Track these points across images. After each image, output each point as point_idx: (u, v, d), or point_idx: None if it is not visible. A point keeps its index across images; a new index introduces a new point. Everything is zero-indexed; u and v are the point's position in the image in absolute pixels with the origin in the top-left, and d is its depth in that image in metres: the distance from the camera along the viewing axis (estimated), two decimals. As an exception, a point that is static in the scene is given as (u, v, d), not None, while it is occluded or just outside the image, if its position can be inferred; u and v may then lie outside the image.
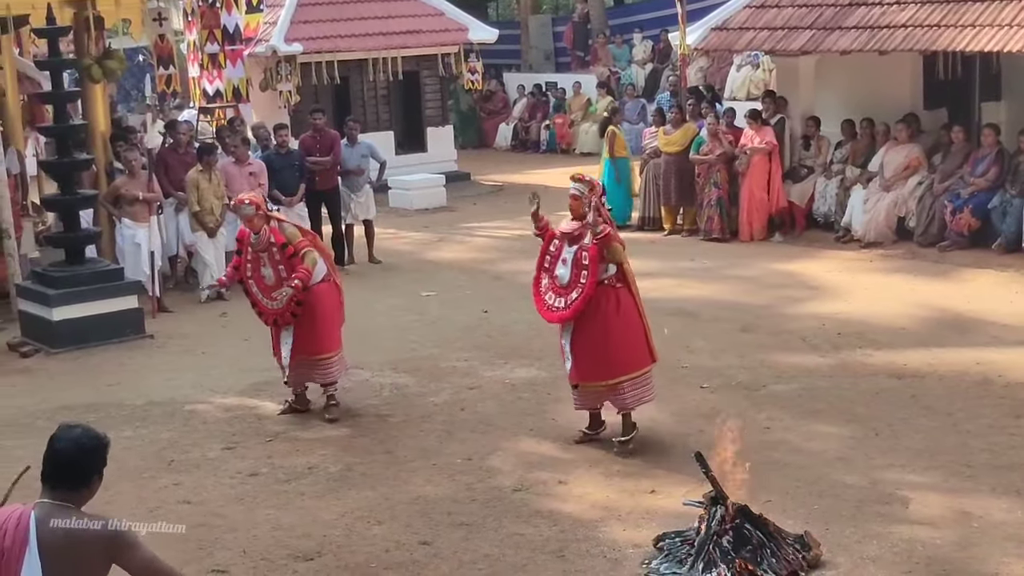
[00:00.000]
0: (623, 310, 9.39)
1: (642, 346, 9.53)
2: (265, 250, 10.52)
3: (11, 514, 4.65)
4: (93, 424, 10.31)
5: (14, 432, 10.52)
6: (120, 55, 16.00)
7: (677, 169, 17.93)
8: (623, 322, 9.38)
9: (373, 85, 23.37)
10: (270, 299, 10.53)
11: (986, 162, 15.60)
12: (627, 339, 9.41)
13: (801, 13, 17.01)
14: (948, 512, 8.13)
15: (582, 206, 9.42)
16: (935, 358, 11.48)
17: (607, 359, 9.37)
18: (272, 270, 10.52)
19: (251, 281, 10.66)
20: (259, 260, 10.57)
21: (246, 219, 10.60)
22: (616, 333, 9.36)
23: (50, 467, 4.72)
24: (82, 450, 4.74)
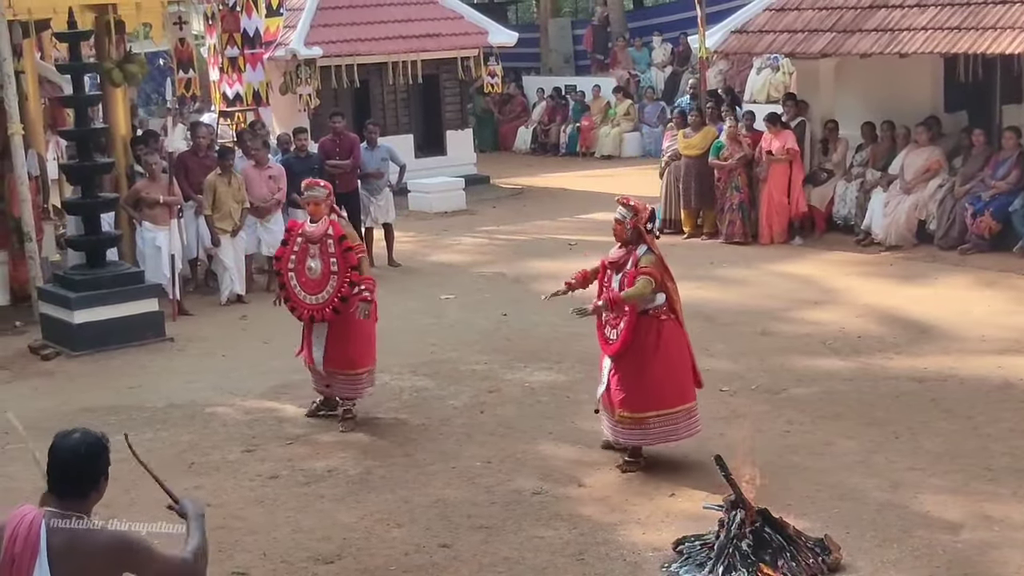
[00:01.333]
0: (663, 344, 8.95)
1: (679, 383, 9.08)
2: (318, 241, 10.31)
3: (22, 519, 4.64)
4: (114, 427, 10.40)
5: (35, 434, 10.43)
6: (141, 59, 16.08)
7: (697, 172, 17.91)
8: (661, 357, 8.94)
9: (393, 88, 23.39)
10: (309, 292, 10.32)
11: (1007, 165, 15.55)
12: (664, 375, 8.97)
13: (821, 16, 16.98)
14: (969, 516, 8.10)
15: (625, 231, 9.14)
16: (955, 361, 11.45)
17: (640, 393, 8.97)
18: (321, 263, 10.27)
19: (291, 273, 10.43)
20: (307, 252, 10.35)
21: (314, 201, 10.35)
22: (651, 368, 8.92)
23: (55, 478, 4.70)
24: (83, 457, 4.70)
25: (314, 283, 10.32)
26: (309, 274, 10.35)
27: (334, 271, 10.26)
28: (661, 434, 9.09)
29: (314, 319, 10.39)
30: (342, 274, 10.25)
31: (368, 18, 23.23)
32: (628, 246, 9.15)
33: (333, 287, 10.26)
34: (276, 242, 15.77)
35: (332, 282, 10.26)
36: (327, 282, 10.28)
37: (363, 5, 23.38)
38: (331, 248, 10.29)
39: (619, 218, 9.20)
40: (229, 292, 15.26)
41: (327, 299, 10.28)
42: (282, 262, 10.57)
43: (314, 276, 10.32)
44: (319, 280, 10.30)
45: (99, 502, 4.79)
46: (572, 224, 19.61)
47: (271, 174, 15.87)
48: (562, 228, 19.30)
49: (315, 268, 10.31)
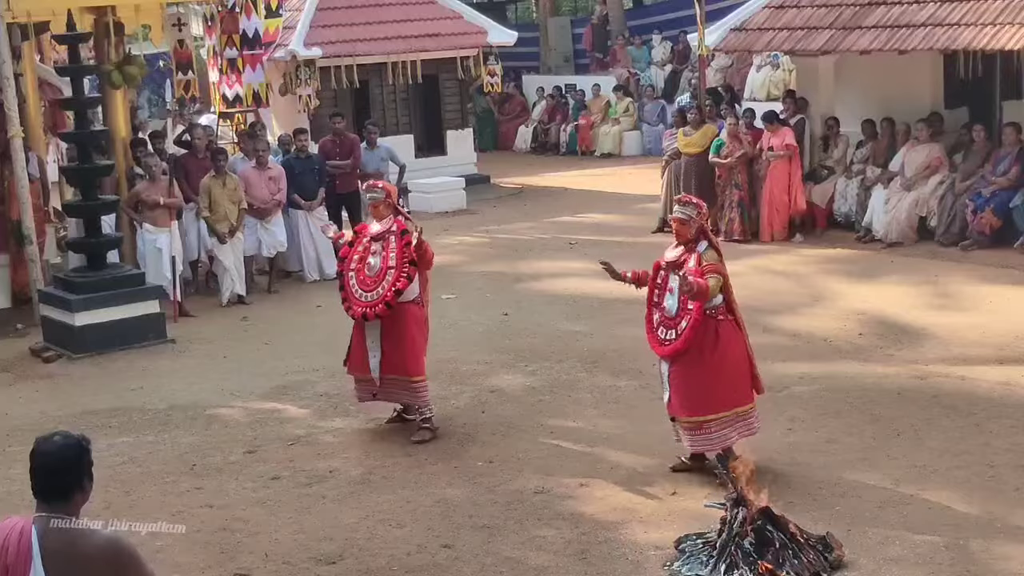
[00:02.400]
0: (721, 346, 8.72)
1: (737, 385, 8.87)
2: (381, 238, 10.13)
3: (12, 528, 4.64)
4: (115, 429, 10.40)
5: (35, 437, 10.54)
6: (140, 61, 16.07)
7: (697, 170, 17.90)
8: (719, 358, 8.72)
9: (392, 89, 23.39)
10: (364, 289, 10.06)
11: (1007, 161, 15.54)
12: (722, 377, 8.74)
13: (820, 13, 16.97)
14: (971, 513, 8.10)
15: (689, 230, 8.78)
16: (957, 358, 11.44)
17: (703, 396, 8.75)
18: (380, 259, 10.04)
19: (352, 272, 10.18)
20: (369, 250, 10.13)
21: (373, 204, 10.19)
22: (710, 370, 8.70)
23: (37, 482, 4.70)
24: (64, 460, 4.69)
25: (371, 280, 10.07)
26: (368, 271, 10.09)
27: (391, 266, 10.01)
28: (720, 437, 8.80)
29: (366, 317, 10.06)
30: (399, 268, 10.00)
31: (367, 18, 23.23)
32: (688, 244, 8.83)
33: (389, 282, 10.01)
34: (276, 243, 15.89)
35: (388, 277, 10.01)
36: (383, 277, 10.02)
37: (362, 5, 23.37)
38: (392, 244, 10.06)
39: (683, 218, 8.81)
40: (230, 293, 15.26)
41: (381, 295, 9.98)
42: (345, 263, 10.29)
43: (372, 273, 10.06)
44: (376, 277, 10.04)
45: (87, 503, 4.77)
46: (573, 223, 19.61)
47: (271, 175, 15.88)
48: (563, 227, 19.29)
49: (374, 265, 10.05)
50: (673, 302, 8.83)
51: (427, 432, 10.17)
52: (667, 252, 9.03)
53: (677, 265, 8.82)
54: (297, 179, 16.19)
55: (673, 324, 8.83)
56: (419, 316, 10.24)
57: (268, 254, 16.02)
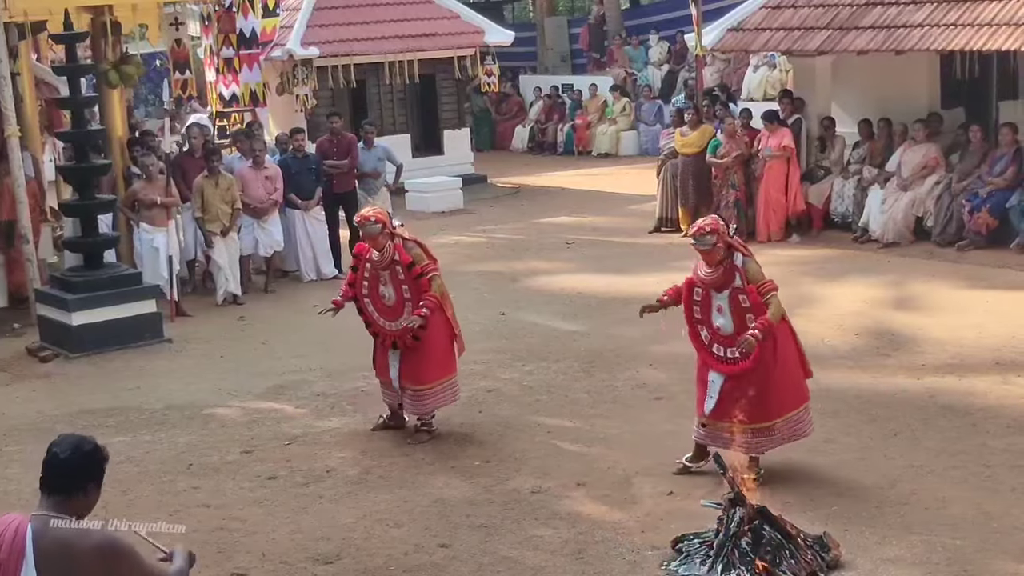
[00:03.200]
0: (780, 352, 8.68)
1: (798, 385, 8.89)
2: (387, 268, 9.99)
3: (8, 525, 4.64)
4: (112, 429, 10.40)
5: (34, 437, 10.55)
6: (137, 60, 16.05)
7: (694, 170, 17.91)
8: (781, 365, 8.69)
9: (389, 88, 23.39)
10: (387, 319, 10.06)
11: (1004, 161, 15.55)
12: (785, 381, 8.74)
13: (817, 13, 16.98)
14: (968, 513, 8.10)
15: (717, 254, 8.61)
16: (954, 358, 11.45)
17: (766, 403, 8.67)
18: (394, 290, 9.99)
19: (367, 300, 10.14)
20: (378, 278, 10.04)
21: (371, 237, 9.96)
22: (774, 377, 8.67)
23: (45, 472, 4.72)
24: (77, 454, 4.71)
25: (390, 310, 10.04)
26: (384, 301, 10.06)
27: (407, 298, 9.95)
28: (785, 435, 8.80)
29: (396, 345, 10.09)
30: (415, 301, 9.91)
31: (364, 18, 23.24)
32: (722, 263, 8.67)
33: (407, 316, 9.94)
34: (273, 242, 15.89)
35: (407, 309, 9.95)
36: (402, 309, 9.97)
37: (359, 5, 23.39)
38: (401, 275, 9.98)
39: (706, 248, 8.63)
40: (224, 292, 15.26)
41: (405, 328, 9.95)
42: (356, 288, 10.20)
43: (389, 303, 10.03)
44: (394, 307, 10.01)
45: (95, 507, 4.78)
46: (570, 223, 19.62)
47: (268, 174, 15.87)
48: (559, 227, 19.30)
49: (388, 295, 10.02)
50: (727, 322, 8.71)
51: (425, 435, 10.18)
52: (700, 271, 8.84)
53: (720, 284, 8.70)
54: (294, 179, 16.19)
55: (732, 342, 8.69)
56: (439, 324, 10.13)
57: (265, 254, 16.01)
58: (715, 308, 8.76)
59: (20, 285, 14.93)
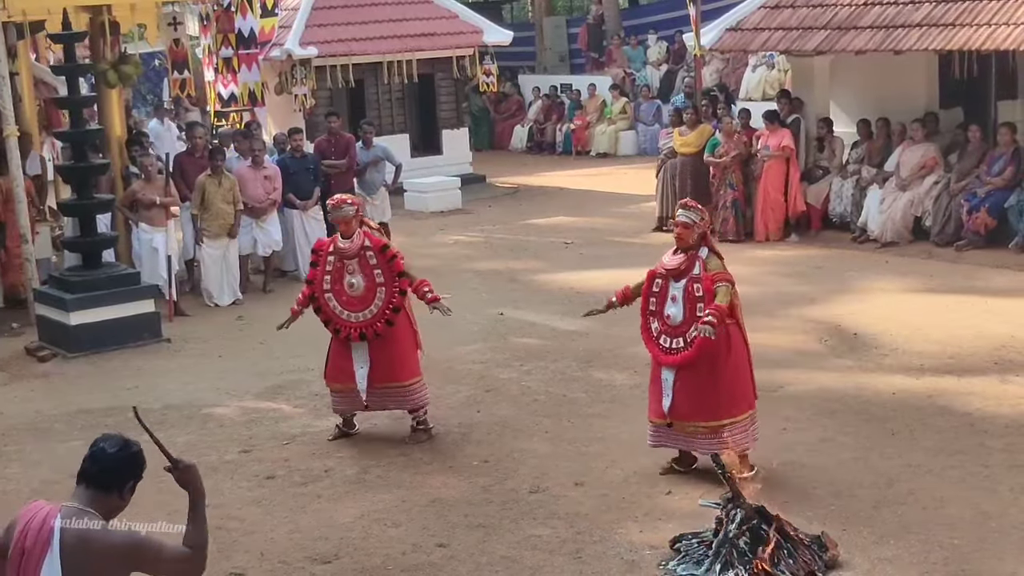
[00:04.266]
0: (734, 350, 8.75)
1: (747, 388, 8.93)
2: (356, 256, 9.95)
3: (36, 514, 4.69)
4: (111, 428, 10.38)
5: (33, 436, 10.57)
6: (136, 60, 16.06)
7: (693, 170, 17.92)
8: (733, 362, 8.75)
9: (388, 88, 23.38)
10: (353, 311, 9.93)
11: (1002, 161, 15.55)
12: (735, 380, 8.79)
13: (816, 13, 16.99)
14: (966, 512, 8.11)
15: (692, 234, 8.71)
16: (952, 357, 11.46)
17: (715, 400, 8.72)
18: (363, 277, 9.90)
19: (328, 295, 9.99)
20: (344, 269, 9.94)
21: (345, 220, 9.92)
22: (725, 374, 8.72)
23: (89, 464, 4.79)
24: (125, 452, 4.82)
25: (357, 300, 9.92)
26: (351, 291, 9.92)
27: (380, 283, 9.90)
28: (736, 441, 8.66)
29: (364, 336, 9.97)
30: (390, 284, 9.93)
31: (363, 18, 23.23)
32: (689, 252, 8.76)
33: (382, 299, 9.89)
34: (272, 242, 15.88)
35: (380, 294, 9.89)
36: (373, 296, 9.90)
37: (358, 5, 23.37)
38: (372, 260, 9.92)
39: (687, 221, 8.72)
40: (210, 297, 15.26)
41: (377, 313, 9.92)
42: (316, 284, 10.05)
43: (356, 292, 9.91)
44: (363, 296, 9.91)
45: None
46: (568, 223, 19.62)
47: (267, 174, 15.87)
48: (558, 227, 19.30)
49: (357, 284, 9.91)
50: (677, 311, 8.76)
51: (423, 434, 10.16)
52: (665, 259, 8.92)
53: (679, 273, 8.77)
54: (292, 178, 16.19)
55: (679, 332, 8.75)
56: (404, 318, 10.13)
57: (263, 253, 16.02)
58: (670, 298, 8.82)
59: (14, 285, 14.92)
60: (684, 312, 8.73)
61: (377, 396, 10.07)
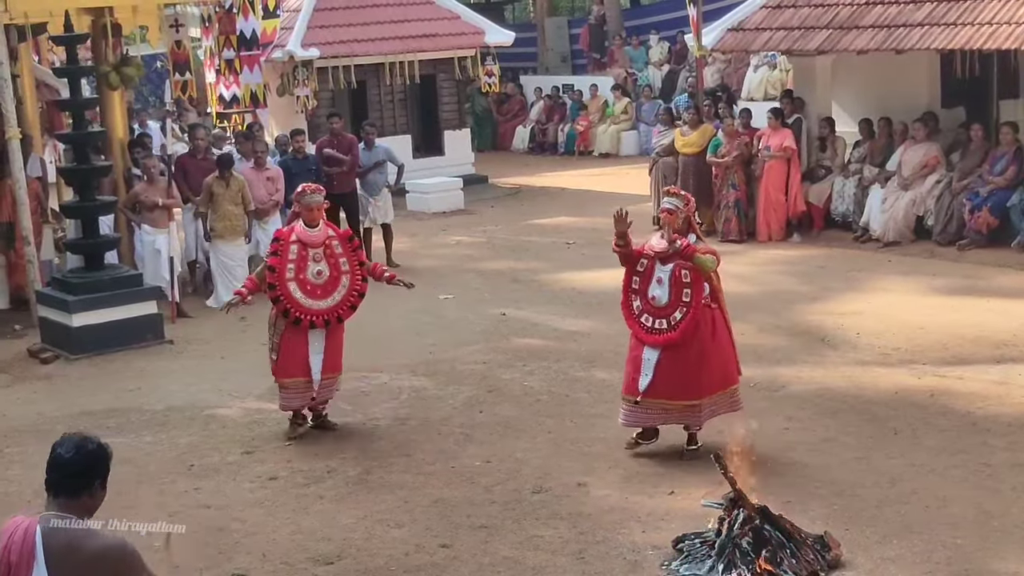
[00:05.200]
0: (718, 333, 9.17)
1: (729, 367, 9.34)
2: (321, 244, 10.16)
3: (17, 528, 4.64)
4: (113, 430, 10.41)
5: (35, 438, 10.56)
6: (138, 62, 16.07)
7: (695, 170, 17.91)
8: (718, 345, 9.17)
9: (390, 89, 23.39)
10: (315, 299, 10.10)
11: (1004, 160, 15.55)
12: (719, 362, 9.20)
13: (817, 13, 16.98)
14: (968, 512, 8.10)
15: (676, 220, 9.12)
16: (954, 357, 11.45)
17: (697, 381, 9.11)
18: (328, 265, 10.13)
19: (292, 284, 10.10)
20: (306, 258, 10.13)
21: (314, 207, 10.16)
22: (711, 356, 9.13)
23: (51, 472, 4.72)
24: (81, 454, 4.72)
25: (322, 287, 10.12)
26: (316, 279, 10.11)
27: (345, 271, 10.18)
28: (709, 414, 9.26)
29: (328, 322, 10.16)
30: (354, 272, 10.22)
31: (365, 19, 23.24)
32: (677, 235, 9.11)
33: (346, 287, 10.17)
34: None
35: (344, 281, 10.16)
36: (338, 284, 10.15)
37: (359, 6, 23.38)
38: (338, 249, 10.20)
39: (671, 208, 9.17)
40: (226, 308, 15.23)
41: (341, 300, 10.17)
42: (279, 273, 10.16)
43: (321, 281, 10.12)
44: (328, 283, 10.13)
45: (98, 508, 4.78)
46: (570, 223, 19.62)
47: (269, 175, 15.87)
48: (560, 227, 19.31)
49: (323, 271, 10.13)
50: (663, 293, 9.11)
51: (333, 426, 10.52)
52: (653, 241, 9.32)
53: (666, 257, 9.10)
54: (294, 180, 16.10)
55: (663, 314, 9.11)
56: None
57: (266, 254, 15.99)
58: (655, 279, 9.17)
59: (21, 287, 14.93)
60: (670, 295, 9.09)
61: (323, 387, 10.30)
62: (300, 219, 10.32)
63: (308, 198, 10.24)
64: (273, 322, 10.33)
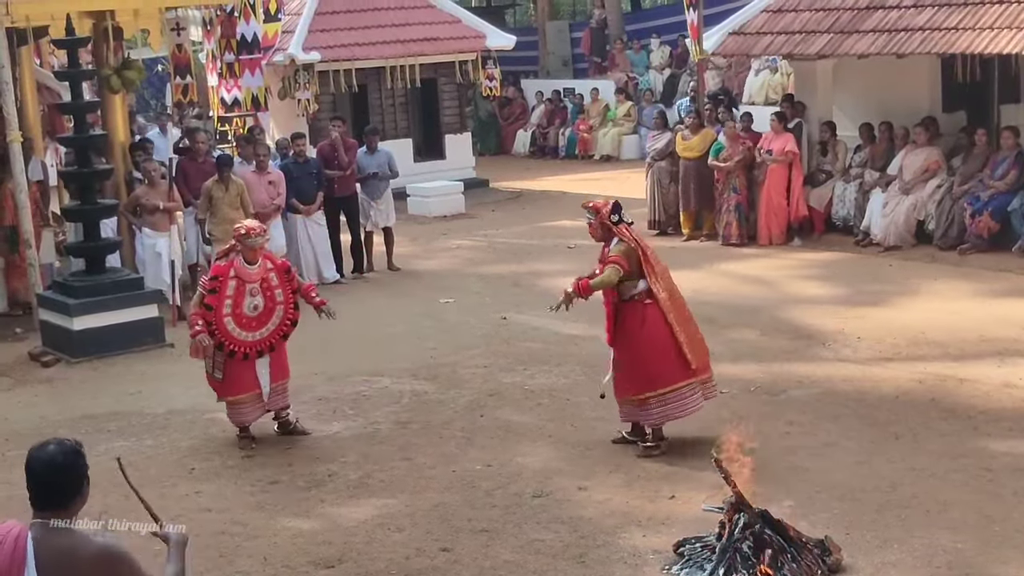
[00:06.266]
0: (648, 327, 9.40)
1: (668, 365, 9.44)
2: (258, 279, 10.29)
3: (8, 534, 4.61)
4: (114, 433, 10.40)
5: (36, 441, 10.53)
6: (139, 65, 16.07)
7: (697, 174, 17.91)
8: (647, 339, 9.39)
9: (391, 93, 23.41)
10: (250, 331, 10.22)
11: (1005, 164, 15.55)
12: (652, 357, 9.39)
13: (818, 17, 16.99)
14: (969, 516, 8.10)
15: (596, 231, 9.60)
16: (955, 362, 11.45)
17: (633, 376, 9.47)
18: (263, 298, 10.27)
19: (227, 318, 10.17)
20: (243, 293, 10.22)
21: (254, 248, 10.27)
22: (642, 350, 9.40)
23: (34, 491, 4.65)
24: (62, 467, 4.65)
25: (256, 320, 10.25)
26: (252, 312, 10.24)
27: (279, 302, 10.35)
28: (661, 414, 9.50)
29: (261, 353, 10.30)
30: (288, 302, 10.39)
31: (366, 23, 23.26)
32: (603, 241, 9.59)
33: (279, 317, 10.34)
34: (275, 247, 15.77)
35: (278, 312, 10.33)
36: (271, 315, 10.31)
37: (361, 10, 23.40)
38: (274, 281, 10.35)
39: (587, 220, 9.65)
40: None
41: (275, 329, 10.34)
42: (217, 311, 10.17)
43: (256, 313, 10.27)
44: (262, 315, 10.28)
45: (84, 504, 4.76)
46: (571, 226, 19.58)
47: (271, 179, 15.86)
48: (561, 230, 19.30)
49: (258, 304, 10.28)
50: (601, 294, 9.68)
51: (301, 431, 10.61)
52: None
53: (601, 259, 9.63)
54: (295, 183, 16.18)
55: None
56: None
57: (267, 256, 16.00)
58: None
59: (22, 290, 14.92)
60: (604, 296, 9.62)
61: (274, 394, 10.44)
62: (239, 254, 10.35)
63: (252, 240, 10.31)
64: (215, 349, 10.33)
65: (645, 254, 9.48)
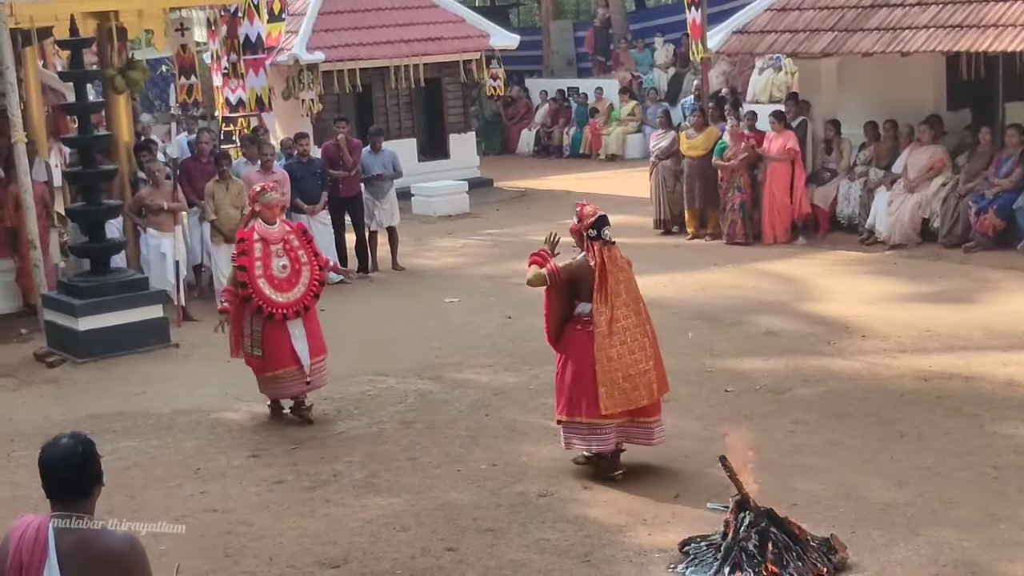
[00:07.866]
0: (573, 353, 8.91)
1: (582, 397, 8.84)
2: (280, 241, 10.65)
3: (28, 526, 4.65)
4: (119, 434, 10.42)
5: (42, 442, 10.47)
6: (143, 66, 16.07)
7: (701, 173, 17.91)
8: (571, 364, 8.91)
9: (395, 93, 23.41)
10: (283, 292, 10.55)
11: (1010, 162, 15.53)
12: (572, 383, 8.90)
13: (823, 15, 16.98)
14: (975, 514, 8.09)
15: (573, 234, 9.56)
16: (960, 360, 11.43)
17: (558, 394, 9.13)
18: (288, 259, 10.63)
19: (261, 280, 10.54)
20: (270, 254, 10.60)
21: (272, 205, 10.70)
22: (564, 372, 8.99)
23: (53, 486, 4.71)
24: (78, 460, 4.70)
25: (286, 281, 10.59)
26: (281, 272, 10.60)
27: (304, 262, 10.68)
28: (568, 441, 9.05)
29: (298, 313, 10.60)
30: (312, 263, 10.74)
31: (370, 22, 23.27)
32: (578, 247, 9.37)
33: (308, 277, 10.66)
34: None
35: (305, 273, 10.66)
36: (300, 276, 10.64)
37: (365, 10, 23.40)
38: (295, 243, 10.71)
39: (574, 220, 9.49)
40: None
41: (306, 290, 10.66)
42: (249, 272, 10.54)
43: (284, 274, 10.60)
44: (291, 276, 10.61)
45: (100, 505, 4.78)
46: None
47: (276, 179, 15.85)
48: (565, 230, 19.21)
49: (286, 265, 10.63)
50: None
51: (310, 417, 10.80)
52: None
53: None
54: (299, 183, 16.19)
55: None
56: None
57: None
58: None
59: (28, 291, 14.93)
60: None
61: (315, 371, 10.66)
62: (258, 218, 10.75)
63: (266, 196, 10.75)
64: (249, 321, 10.67)
65: (604, 280, 8.94)
